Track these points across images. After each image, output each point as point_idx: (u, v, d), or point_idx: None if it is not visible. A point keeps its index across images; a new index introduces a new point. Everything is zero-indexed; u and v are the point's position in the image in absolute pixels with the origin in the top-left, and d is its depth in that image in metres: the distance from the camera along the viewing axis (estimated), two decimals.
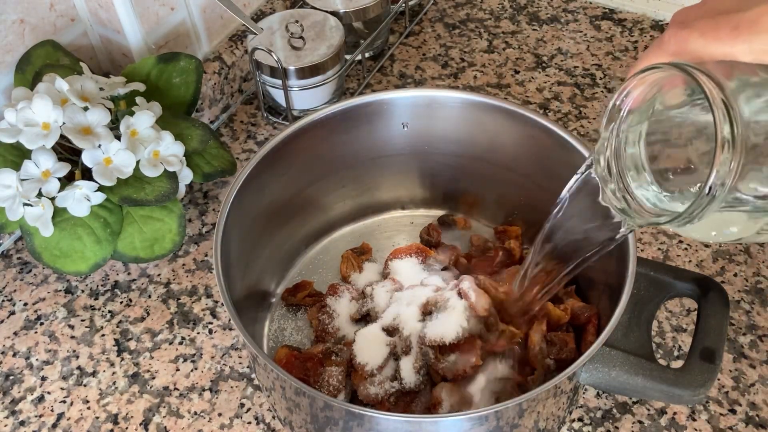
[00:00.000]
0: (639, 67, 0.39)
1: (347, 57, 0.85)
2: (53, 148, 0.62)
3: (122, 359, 0.66)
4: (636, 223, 0.43)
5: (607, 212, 0.45)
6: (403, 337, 0.59)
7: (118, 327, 0.68)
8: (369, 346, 0.59)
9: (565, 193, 0.50)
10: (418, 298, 0.61)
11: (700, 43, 0.36)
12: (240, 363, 0.66)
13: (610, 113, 0.42)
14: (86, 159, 0.63)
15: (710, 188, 0.35)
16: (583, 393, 0.63)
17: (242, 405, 0.63)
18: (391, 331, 0.60)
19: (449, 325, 0.58)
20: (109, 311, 0.70)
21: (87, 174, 0.64)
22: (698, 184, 0.38)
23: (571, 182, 0.49)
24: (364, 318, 0.64)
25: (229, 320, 0.68)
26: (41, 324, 0.69)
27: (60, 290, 0.71)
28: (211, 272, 0.72)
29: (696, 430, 0.61)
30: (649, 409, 0.62)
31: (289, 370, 0.58)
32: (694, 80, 0.35)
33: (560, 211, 0.51)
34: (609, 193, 0.44)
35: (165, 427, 0.62)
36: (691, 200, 0.36)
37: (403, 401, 0.58)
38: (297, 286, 0.68)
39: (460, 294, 0.61)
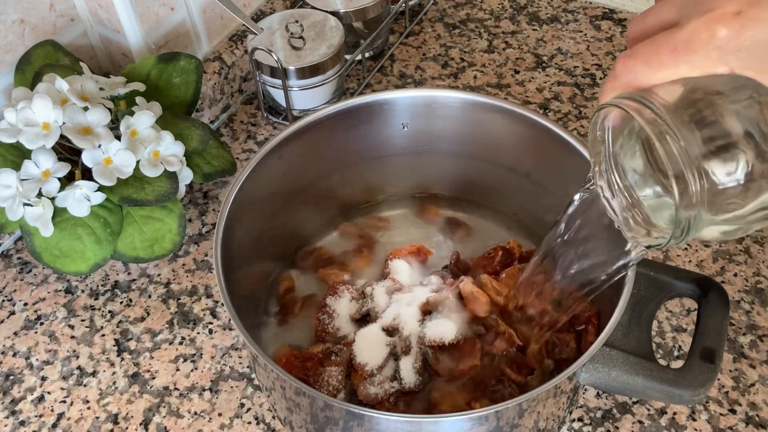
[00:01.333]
0: (602, 100, 0.40)
1: (347, 57, 0.85)
2: (53, 148, 0.62)
3: (122, 359, 0.66)
4: (644, 244, 0.43)
5: (616, 237, 0.45)
6: (403, 337, 0.59)
7: (118, 327, 0.68)
8: (369, 346, 0.59)
9: (564, 215, 0.50)
10: (418, 298, 0.61)
11: (647, 72, 0.37)
12: (240, 363, 0.66)
13: (594, 144, 0.42)
14: (86, 159, 0.63)
15: (680, 218, 0.36)
16: (583, 393, 0.63)
17: (242, 405, 0.63)
18: (391, 331, 0.60)
19: (449, 326, 0.58)
20: (109, 311, 0.70)
21: (87, 174, 0.64)
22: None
23: (572, 202, 0.49)
24: (364, 318, 0.64)
25: (229, 320, 0.68)
26: (41, 324, 0.69)
27: (60, 290, 0.71)
28: (211, 272, 0.72)
29: (696, 430, 0.61)
30: (649, 409, 0.62)
31: (289, 369, 0.58)
32: (632, 117, 0.36)
33: (562, 231, 0.51)
34: (621, 218, 0.44)
35: (165, 427, 0.62)
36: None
37: (403, 401, 0.58)
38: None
39: (460, 294, 0.61)
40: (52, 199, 0.63)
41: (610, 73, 0.39)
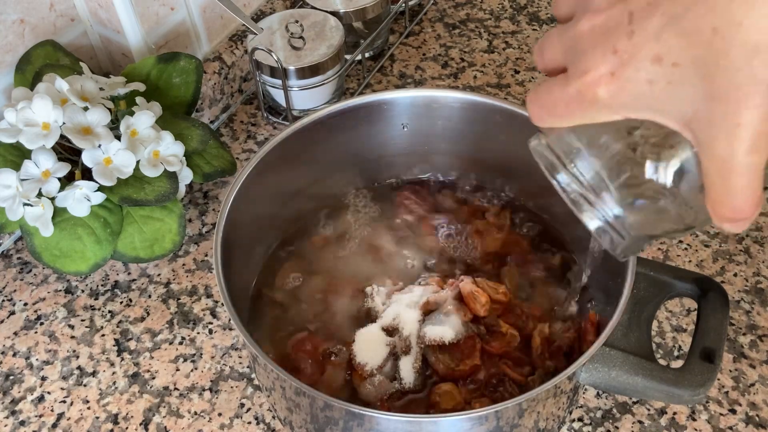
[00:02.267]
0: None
1: (347, 57, 0.85)
2: (53, 148, 0.62)
3: (122, 359, 0.66)
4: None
5: None
6: (403, 337, 0.59)
7: (118, 327, 0.68)
8: (369, 346, 0.59)
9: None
10: (418, 297, 0.61)
11: (552, 122, 0.37)
12: (240, 363, 0.66)
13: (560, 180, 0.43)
14: (86, 159, 0.63)
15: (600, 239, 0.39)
16: (583, 393, 0.63)
17: (242, 405, 0.63)
18: (390, 331, 0.60)
19: (449, 325, 0.58)
20: (109, 311, 0.70)
21: (87, 174, 0.64)
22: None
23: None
24: (364, 318, 0.64)
25: (229, 320, 0.68)
26: (41, 324, 0.69)
27: (60, 290, 0.71)
28: (211, 272, 0.72)
29: (696, 430, 0.61)
30: (649, 409, 0.62)
31: (299, 348, 0.60)
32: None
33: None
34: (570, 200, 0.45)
35: (165, 427, 0.62)
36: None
37: (403, 401, 0.58)
38: None
39: (460, 294, 0.61)
40: (52, 199, 0.63)
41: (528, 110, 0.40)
